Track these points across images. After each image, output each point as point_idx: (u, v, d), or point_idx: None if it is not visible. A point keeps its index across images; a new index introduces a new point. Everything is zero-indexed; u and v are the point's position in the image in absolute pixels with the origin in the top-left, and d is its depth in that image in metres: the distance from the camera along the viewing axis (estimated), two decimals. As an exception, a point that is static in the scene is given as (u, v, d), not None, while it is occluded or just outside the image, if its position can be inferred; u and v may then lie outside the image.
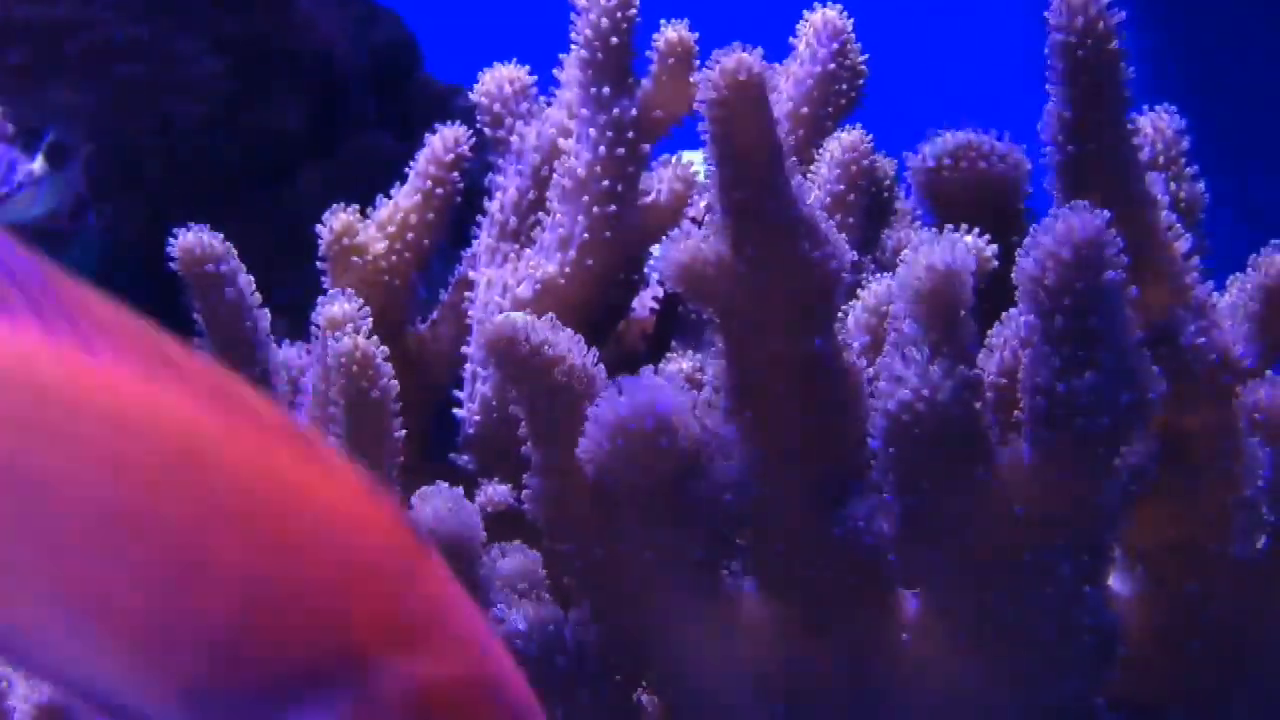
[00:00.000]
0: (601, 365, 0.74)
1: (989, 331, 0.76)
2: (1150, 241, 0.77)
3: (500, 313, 0.92)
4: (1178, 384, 0.75)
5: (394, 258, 1.00)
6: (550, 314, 0.76)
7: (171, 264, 0.85)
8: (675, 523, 0.73)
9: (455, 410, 0.99)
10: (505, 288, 0.97)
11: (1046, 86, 0.75)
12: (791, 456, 0.74)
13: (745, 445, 0.73)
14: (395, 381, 0.87)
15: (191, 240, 0.85)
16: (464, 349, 0.98)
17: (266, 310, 0.86)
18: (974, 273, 0.68)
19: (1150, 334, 0.73)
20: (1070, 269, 0.66)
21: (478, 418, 0.96)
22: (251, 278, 0.85)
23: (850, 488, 0.74)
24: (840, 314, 0.74)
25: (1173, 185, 0.88)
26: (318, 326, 0.92)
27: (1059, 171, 0.79)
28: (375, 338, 0.87)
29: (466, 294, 1.00)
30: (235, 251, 0.85)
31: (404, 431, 0.89)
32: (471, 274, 1.00)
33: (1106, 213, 0.67)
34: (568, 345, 0.74)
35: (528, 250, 0.98)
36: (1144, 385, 0.69)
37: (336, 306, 0.91)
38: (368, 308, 0.90)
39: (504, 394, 0.90)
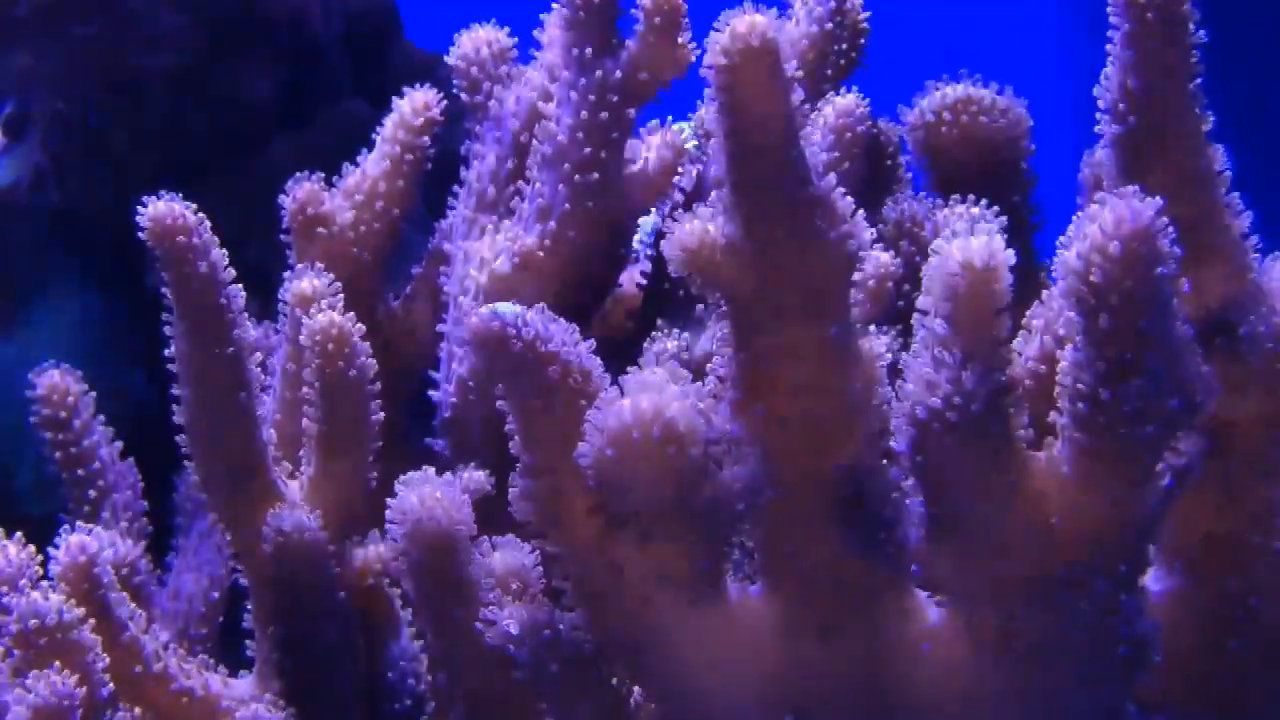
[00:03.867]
0: (598, 359, 0.70)
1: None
2: (1210, 222, 0.71)
3: (476, 289, 0.89)
4: (1228, 374, 0.70)
5: (362, 228, 0.94)
6: (542, 305, 0.70)
7: (140, 234, 0.79)
8: (680, 533, 0.69)
9: (430, 392, 0.94)
10: (482, 262, 0.91)
11: (1108, 48, 0.70)
12: (805, 453, 0.69)
13: (755, 442, 0.69)
14: (373, 360, 0.83)
15: (162, 210, 0.78)
16: (440, 327, 0.93)
17: (240, 287, 0.81)
18: (1013, 266, 0.64)
19: (1204, 322, 0.70)
20: (1118, 265, 0.61)
21: (454, 400, 0.91)
22: (225, 252, 0.80)
23: (868, 487, 0.70)
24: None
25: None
26: (286, 303, 0.87)
27: (1117, 144, 0.72)
28: (352, 314, 0.83)
29: (442, 268, 0.95)
30: (209, 223, 0.80)
31: (382, 415, 0.85)
32: (447, 247, 0.95)
33: (1159, 200, 0.61)
34: (562, 339, 0.69)
35: (506, 222, 0.92)
36: (1194, 390, 0.64)
37: (306, 282, 0.87)
38: (339, 283, 0.86)
39: (482, 376, 0.87)
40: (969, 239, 0.63)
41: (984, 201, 0.84)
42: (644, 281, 0.94)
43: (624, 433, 0.65)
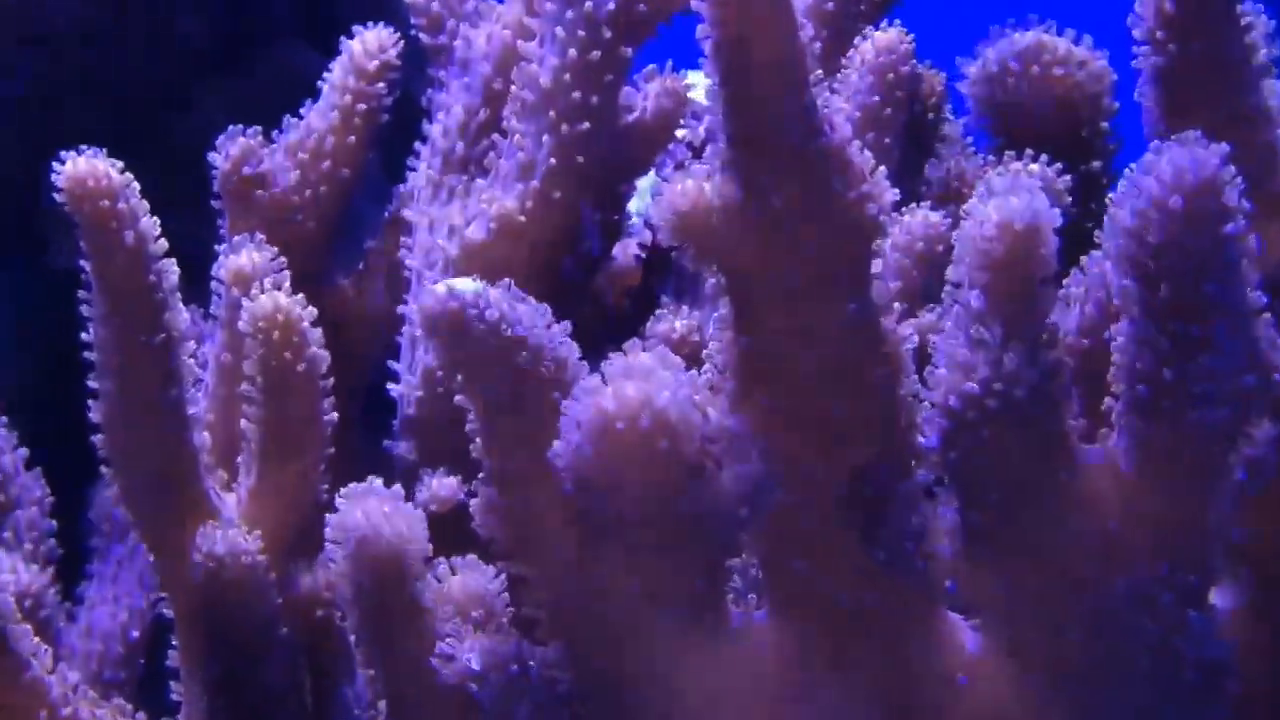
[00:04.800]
0: (574, 345, 0.72)
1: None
2: (1270, 167, 0.74)
3: (445, 262, 0.92)
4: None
5: (307, 192, 0.97)
6: (507, 280, 0.72)
7: (56, 197, 0.79)
8: (673, 546, 0.71)
9: (390, 386, 0.97)
10: (451, 230, 0.93)
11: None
12: (819, 453, 0.71)
13: (759, 439, 0.71)
14: (325, 352, 0.85)
15: (83, 169, 0.78)
16: (401, 308, 0.96)
17: (173, 262, 0.82)
18: (1059, 229, 0.65)
19: (1271, 284, 0.70)
20: (1180, 223, 0.62)
21: (419, 394, 0.94)
22: (156, 219, 0.81)
23: (892, 492, 0.72)
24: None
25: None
26: (221, 282, 0.89)
27: (1155, 79, 0.75)
28: (301, 296, 0.84)
29: (403, 239, 0.97)
30: (136, 185, 0.80)
31: (335, 415, 0.87)
32: (408, 214, 0.97)
33: (1223, 146, 0.63)
34: (532, 320, 0.71)
35: (479, 182, 0.94)
36: (1270, 367, 0.66)
37: (245, 256, 0.88)
38: (283, 259, 0.88)
39: (452, 381, 0.86)
40: (1007, 197, 0.64)
41: (1044, 158, 0.87)
42: (642, 254, 0.97)
43: (606, 425, 0.66)
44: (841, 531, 0.72)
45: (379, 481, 0.77)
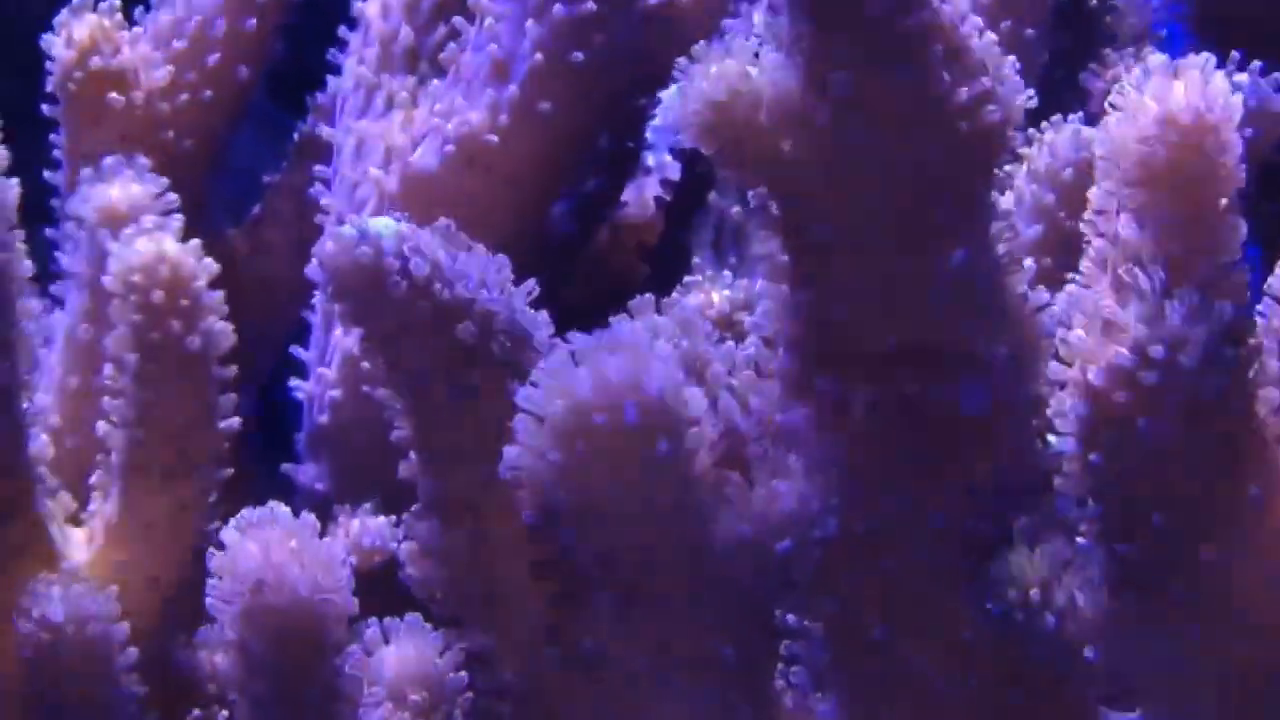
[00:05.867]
0: (543, 315, 0.73)
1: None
2: None
3: (380, 200, 0.92)
4: None
5: (184, 98, 0.97)
6: (446, 223, 0.72)
7: None
8: (687, 599, 0.71)
9: (295, 382, 0.96)
10: (390, 154, 0.93)
11: None
12: (910, 465, 0.72)
13: (822, 443, 0.71)
14: (228, 325, 0.84)
15: None
16: (311, 269, 0.90)
17: (14, 184, 0.82)
18: (1246, 133, 0.66)
19: None
20: None
21: (335, 394, 0.93)
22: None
23: (1016, 523, 0.72)
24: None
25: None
26: (80, 222, 0.89)
27: None
28: (197, 244, 0.83)
29: (317, 170, 0.97)
30: None
31: (237, 420, 0.86)
32: (327, 131, 0.97)
33: None
34: (480, 276, 0.71)
35: (433, 85, 0.94)
36: None
37: (118, 188, 0.88)
38: (174, 195, 0.87)
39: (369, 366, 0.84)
40: (1169, 80, 0.65)
41: (1256, 66, 0.87)
42: (666, 195, 0.95)
43: (578, 419, 0.67)
44: (942, 580, 0.72)
45: (281, 507, 0.76)
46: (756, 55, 0.70)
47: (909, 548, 0.74)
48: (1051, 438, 0.72)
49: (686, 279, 0.93)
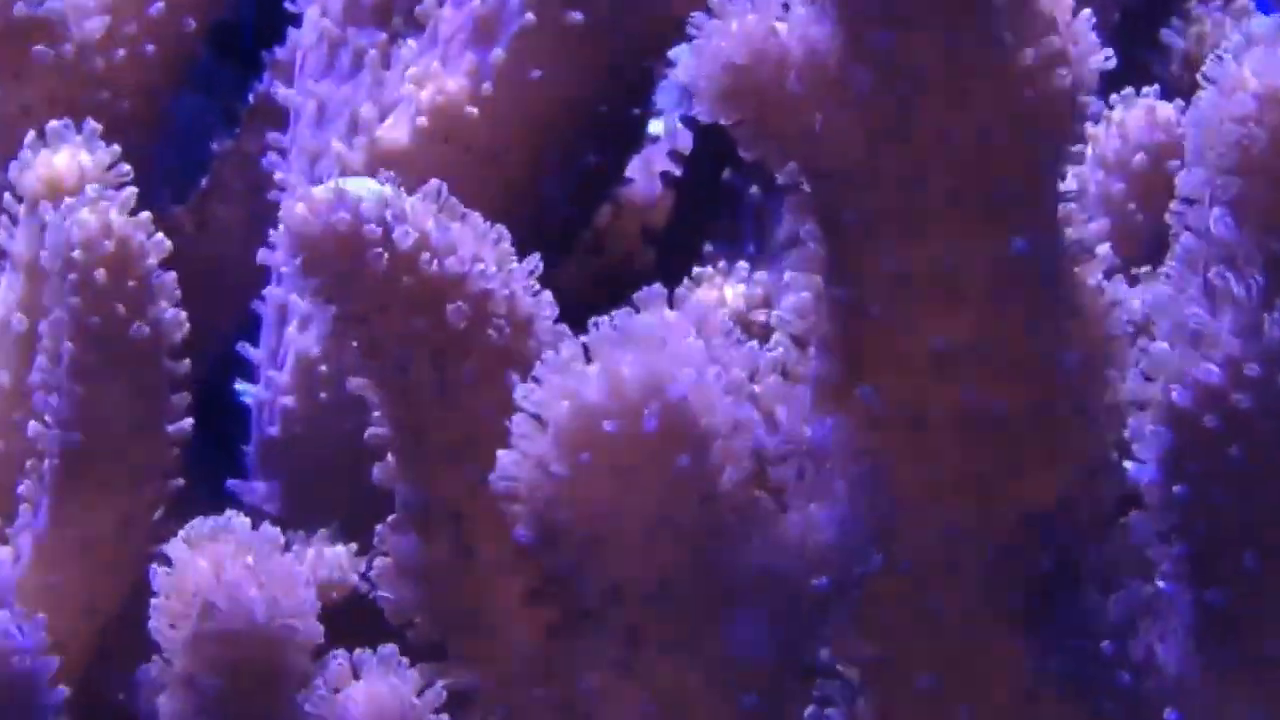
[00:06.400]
0: (548, 296, 0.72)
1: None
2: None
3: (344, 176, 0.87)
4: None
5: (121, 52, 0.95)
6: (438, 183, 0.71)
7: None
8: (704, 639, 0.69)
9: (241, 385, 0.95)
10: (355, 124, 0.91)
11: None
12: (963, 487, 0.70)
13: (861, 458, 0.69)
14: (181, 312, 0.82)
15: None
16: (263, 254, 0.93)
17: None
18: None
19: None
20: None
21: (288, 401, 0.92)
22: None
23: (1080, 560, 0.70)
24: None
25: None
26: (18, 199, 0.87)
27: None
28: (148, 216, 0.81)
29: (271, 138, 0.95)
30: None
31: (190, 421, 0.83)
32: (283, 94, 0.95)
33: None
34: (475, 246, 0.70)
35: (407, 45, 0.92)
36: None
37: (65, 155, 0.85)
38: (126, 166, 0.85)
39: (341, 353, 0.84)
40: (1275, 48, 0.64)
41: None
42: (675, 170, 0.94)
43: (586, 423, 0.66)
44: (999, 624, 0.70)
45: (239, 517, 0.74)
46: (786, 8, 0.68)
47: (960, 584, 0.70)
48: (1128, 463, 0.69)
49: (696, 270, 0.91)
